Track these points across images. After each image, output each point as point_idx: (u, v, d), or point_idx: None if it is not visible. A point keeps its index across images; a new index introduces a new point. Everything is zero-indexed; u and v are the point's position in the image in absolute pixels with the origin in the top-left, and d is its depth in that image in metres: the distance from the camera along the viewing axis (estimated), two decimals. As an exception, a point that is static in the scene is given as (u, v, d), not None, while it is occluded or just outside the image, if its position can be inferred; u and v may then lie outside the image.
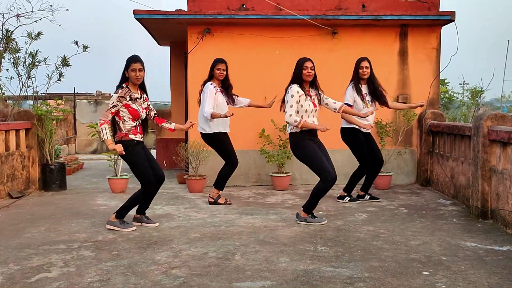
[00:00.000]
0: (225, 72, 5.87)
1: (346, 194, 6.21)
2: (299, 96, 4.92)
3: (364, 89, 5.91)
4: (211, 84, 5.81)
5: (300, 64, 5.00)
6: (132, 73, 4.75)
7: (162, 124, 5.12)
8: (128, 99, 4.78)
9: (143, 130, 4.97)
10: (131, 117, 4.81)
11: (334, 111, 5.30)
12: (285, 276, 3.45)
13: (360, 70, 5.85)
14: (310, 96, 5.04)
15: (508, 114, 5.31)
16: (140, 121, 4.95)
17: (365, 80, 5.91)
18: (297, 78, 5.00)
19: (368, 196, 6.24)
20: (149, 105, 5.05)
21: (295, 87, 4.95)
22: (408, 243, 4.29)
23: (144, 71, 4.85)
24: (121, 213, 4.88)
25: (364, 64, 5.84)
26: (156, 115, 5.11)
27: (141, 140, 4.92)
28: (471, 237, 4.47)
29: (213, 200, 6.04)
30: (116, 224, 4.84)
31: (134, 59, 4.78)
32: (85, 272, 3.56)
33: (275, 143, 7.22)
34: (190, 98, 7.46)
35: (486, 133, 5.07)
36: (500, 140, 4.83)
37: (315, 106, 5.05)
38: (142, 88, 4.96)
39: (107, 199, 6.47)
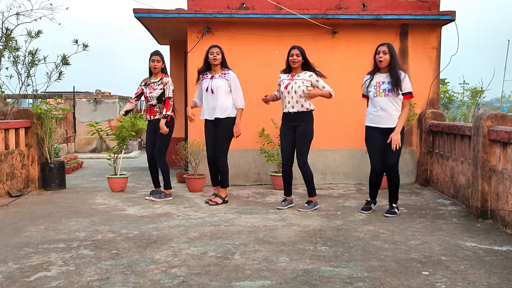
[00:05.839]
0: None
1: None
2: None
3: (381, 77, 5.27)
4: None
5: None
6: (151, 63, 6.23)
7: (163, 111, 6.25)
8: (142, 84, 6.36)
9: (155, 112, 6.23)
10: (145, 99, 6.35)
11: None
12: (284, 276, 3.44)
13: (376, 56, 5.24)
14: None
15: (508, 114, 5.30)
16: (152, 104, 6.23)
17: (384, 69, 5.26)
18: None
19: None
20: (164, 88, 6.21)
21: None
22: (408, 242, 4.29)
23: (163, 62, 6.31)
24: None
25: (382, 49, 5.20)
26: (167, 98, 6.20)
27: (149, 119, 6.29)
28: (470, 237, 4.47)
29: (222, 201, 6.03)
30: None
31: (153, 53, 6.26)
32: (84, 271, 3.56)
33: (274, 142, 7.21)
34: (189, 97, 7.45)
35: (486, 133, 5.07)
36: (500, 140, 4.83)
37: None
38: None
39: (107, 198, 6.47)
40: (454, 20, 7.31)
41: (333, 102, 7.34)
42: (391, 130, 5.21)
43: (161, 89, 6.18)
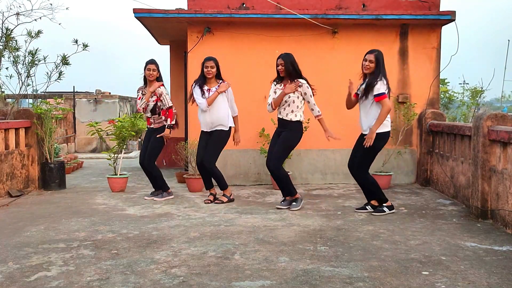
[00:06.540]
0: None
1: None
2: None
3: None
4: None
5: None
6: (147, 71, 6.19)
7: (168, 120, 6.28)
8: (140, 93, 6.32)
9: (151, 122, 6.33)
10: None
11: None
12: (284, 276, 3.44)
13: (363, 63, 5.32)
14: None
15: (508, 114, 5.30)
16: (147, 116, 6.33)
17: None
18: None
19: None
20: (159, 99, 6.19)
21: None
22: (408, 242, 4.29)
23: (158, 71, 6.23)
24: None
25: (369, 57, 5.27)
26: (163, 109, 6.24)
27: (149, 127, 6.38)
28: (470, 237, 4.47)
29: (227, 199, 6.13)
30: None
31: (148, 61, 6.24)
32: (84, 271, 3.56)
33: (275, 142, 7.20)
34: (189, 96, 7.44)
35: (486, 133, 5.07)
36: (500, 140, 4.83)
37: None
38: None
39: (107, 198, 6.47)
40: (454, 20, 7.31)
41: (333, 102, 7.35)
42: (364, 135, 5.41)
43: (154, 101, 6.21)
